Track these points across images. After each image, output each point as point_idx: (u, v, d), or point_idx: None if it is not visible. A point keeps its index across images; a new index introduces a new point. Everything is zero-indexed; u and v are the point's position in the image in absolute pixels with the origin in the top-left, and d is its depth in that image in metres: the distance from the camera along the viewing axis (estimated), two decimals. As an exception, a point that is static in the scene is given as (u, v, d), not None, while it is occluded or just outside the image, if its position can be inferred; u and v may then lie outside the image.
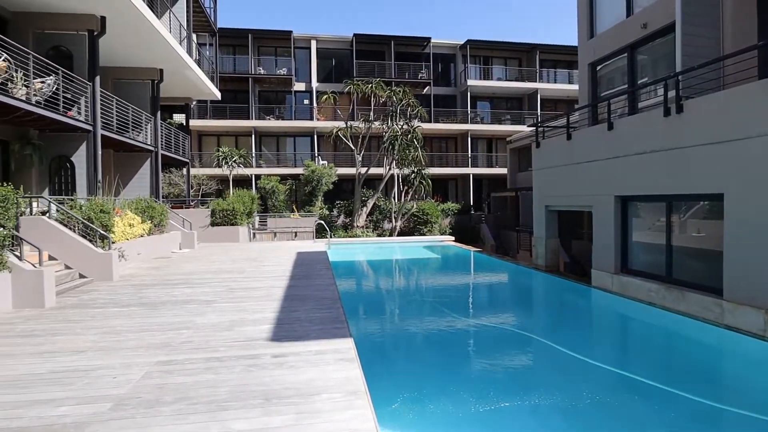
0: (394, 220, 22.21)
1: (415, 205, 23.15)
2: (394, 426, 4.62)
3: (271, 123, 28.83)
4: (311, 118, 29.81)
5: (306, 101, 30.99)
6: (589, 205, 12.15)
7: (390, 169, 22.63)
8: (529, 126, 19.84)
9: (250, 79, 28.76)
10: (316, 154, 29.05)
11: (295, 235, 22.46)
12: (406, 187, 23.81)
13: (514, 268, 15.36)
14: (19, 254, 7.40)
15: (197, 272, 10.53)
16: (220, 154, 22.71)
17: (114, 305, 7.25)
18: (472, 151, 30.86)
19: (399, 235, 22.24)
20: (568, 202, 13.36)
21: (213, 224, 18.14)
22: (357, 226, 21.71)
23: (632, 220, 10.88)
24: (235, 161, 22.43)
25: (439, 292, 12.35)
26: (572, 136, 13.05)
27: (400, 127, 22.00)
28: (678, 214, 9.59)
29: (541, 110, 31.50)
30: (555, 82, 32.95)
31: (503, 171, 28.44)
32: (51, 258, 9.19)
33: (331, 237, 20.08)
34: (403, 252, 19.58)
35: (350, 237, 20.87)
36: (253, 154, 28.01)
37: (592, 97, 14.88)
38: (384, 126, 22.41)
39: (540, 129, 15.24)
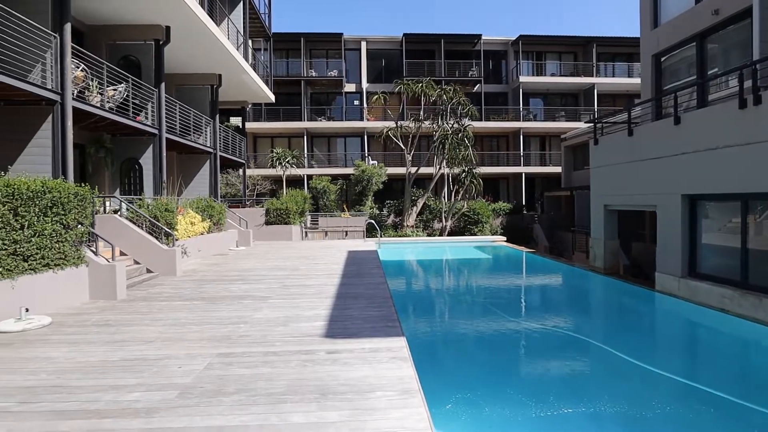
0: (444, 220, 22.01)
1: (465, 205, 22.83)
2: (449, 427, 4.57)
3: (322, 124, 29.41)
4: (361, 119, 30.13)
5: (356, 102, 31.37)
6: (652, 205, 11.50)
7: (440, 168, 22.45)
8: (586, 122, 19.04)
9: (302, 81, 29.48)
10: (367, 154, 29.32)
11: (346, 234, 22.76)
12: (456, 187, 23.52)
13: (569, 270, 14.80)
14: (94, 249, 7.97)
15: (253, 269, 10.91)
16: (274, 155, 23.41)
17: (178, 299, 7.64)
18: (524, 150, 30.04)
19: (449, 234, 22.02)
20: (629, 201, 12.70)
21: (267, 223, 18.73)
22: (407, 225, 21.70)
23: (701, 220, 10.18)
24: (288, 162, 23.05)
25: (491, 293, 12.11)
26: (634, 132, 12.40)
27: (450, 126, 21.76)
28: (754, 213, 8.87)
29: (598, 106, 30.17)
30: (613, 75, 31.47)
31: (557, 169, 27.49)
32: (122, 253, 9.83)
33: (381, 236, 20.20)
34: (453, 252, 19.37)
35: (400, 236, 20.90)
36: (305, 155, 28.67)
37: (655, 91, 14.07)
38: (434, 125, 22.26)
39: (598, 125, 14.59)
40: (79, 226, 7.59)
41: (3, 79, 7.57)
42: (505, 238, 22.01)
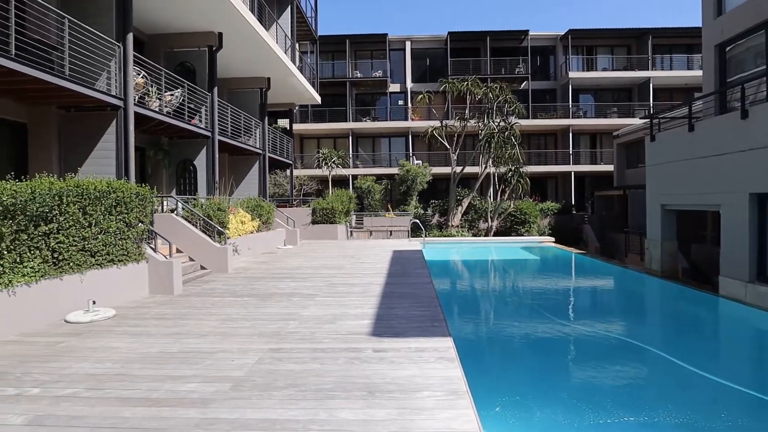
0: (489, 220, 21.62)
1: (512, 205, 22.33)
2: (498, 431, 4.48)
3: (367, 124, 29.65)
4: (406, 119, 30.15)
5: (401, 102, 31.41)
6: (716, 204, 10.80)
7: (486, 167, 22.08)
8: (641, 118, 18.16)
9: (347, 82, 29.85)
10: (411, 154, 29.30)
11: (390, 234, 22.83)
12: (502, 186, 23.06)
13: (623, 273, 14.16)
14: (153, 247, 8.40)
15: (300, 267, 11.15)
16: (320, 155, 23.84)
17: (230, 295, 7.92)
18: (573, 148, 29.03)
19: (495, 235, 21.62)
20: (689, 200, 11.99)
21: (314, 222, 19.10)
22: (452, 225, 21.49)
23: (773, 221, 9.46)
24: (333, 162, 23.39)
25: (540, 295, 11.78)
26: (695, 127, 11.69)
27: (496, 124, 21.35)
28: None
29: (654, 101, 28.69)
30: (671, 68, 29.81)
31: (609, 168, 26.37)
32: (178, 251, 10.31)
33: (426, 236, 20.09)
34: (499, 252, 19.00)
35: (445, 236, 20.73)
36: (350, 155, 29.00)
37: (719, 83, 13.20)
38: (480, 124, 21.92)
39: (655, 120, 13.87)
40: (140, 224, 8.02)
41: (75, 88, 8.12)
42: (553, 239, 21.35)
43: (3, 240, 5.46)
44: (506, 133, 20.61)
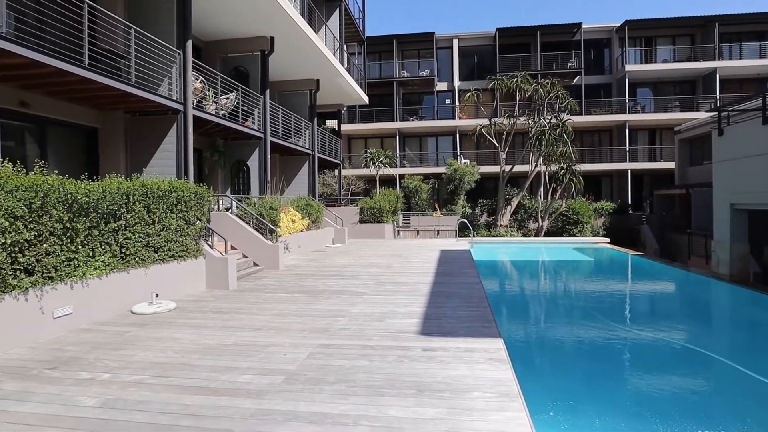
0: (540, 220, 20.98)
1: (564, 204, 21.58)
2: (550, 435, 4.35)
3: (414, 124, 29.62)
4: (453, 117, 29.87)
5: (448, 101, 31.15)
6: (794, 204, 9.96)
7: (536, 166, 21.45)
8: (707, 111, 17.00)
9: (394, 82, 29.93)
10: (458, 153, 28.99)
11: (437, 233, 22.68)
12: (554, 185, 22.36)
13: (685, 276, 13.35)
14: (210, 243, 8.78)
15: (349, 265, 11.29)
16: (368, 155, 24.05)
17: (281, 291, 8.15)
18: (630, 144, 27.64)
19: (546, 235, 20.96)
20: (763, 199, 11.12)
21: (361, 221, 19.30)
22: (500, 225, 21.05)
23: None
24: (381, 162, 23.53)
25: (595, 298, 11.31)
26: (770, 120, 10.83)
27: (547, 121, 20.69)
28: None
29: (721, 92, 26.82)
30: (740, 58, 27.76)
31: (669, 165, 24.90)
32: (232, 248, 10.73)
33: (474, 236, 19.80)
34: (550, 253, 18.42)
35: (493, 236, 20.34)
36: (397, 155, 29.06)
37: (798, 72, 12.14)
38: (530, 121, 21.33)
39: (724, 114, 12.97)
40: (198, 222, 8.41)
41: (141, 93, 8.63)
42: (608, 240, 20.44)
43: (78, 235, 5.88)
44: (558, 130, 19.91)
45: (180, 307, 7.01)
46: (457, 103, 30.18)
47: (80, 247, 5.93)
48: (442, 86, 31.01)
